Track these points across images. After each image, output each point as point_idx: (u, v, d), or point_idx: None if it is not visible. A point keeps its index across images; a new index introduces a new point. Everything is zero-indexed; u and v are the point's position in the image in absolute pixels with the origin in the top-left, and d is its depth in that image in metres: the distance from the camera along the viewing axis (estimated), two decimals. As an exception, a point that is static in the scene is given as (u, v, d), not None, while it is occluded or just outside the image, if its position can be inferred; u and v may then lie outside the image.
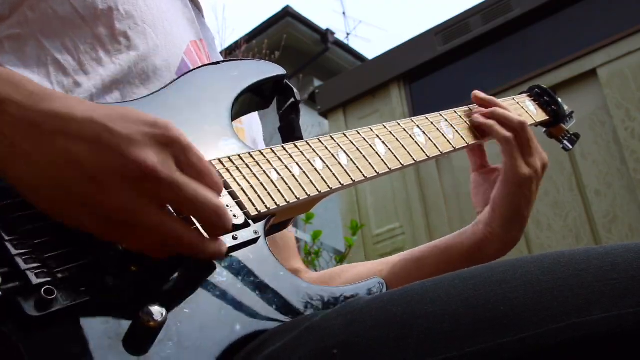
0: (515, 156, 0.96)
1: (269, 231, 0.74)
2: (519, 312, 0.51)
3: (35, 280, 0.52)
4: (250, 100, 0.89)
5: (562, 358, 0.50)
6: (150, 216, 0.54)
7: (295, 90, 0.92)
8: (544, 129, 1.20)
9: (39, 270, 0.53)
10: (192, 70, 0.84)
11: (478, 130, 1.03)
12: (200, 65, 0.90)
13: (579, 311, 0.50)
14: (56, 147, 0.51)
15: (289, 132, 0.91)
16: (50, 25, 0.77)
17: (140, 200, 0.53)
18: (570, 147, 1.19)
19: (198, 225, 0.60)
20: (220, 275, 0.64)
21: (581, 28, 3.81)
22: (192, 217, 0.60)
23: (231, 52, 6.17)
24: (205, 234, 0.60)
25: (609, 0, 3.79)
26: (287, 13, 7.25)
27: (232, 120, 0.81)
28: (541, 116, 1.15)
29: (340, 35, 8.13)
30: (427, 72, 4.40)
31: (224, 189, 0.71)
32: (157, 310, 0.54)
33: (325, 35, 7.54)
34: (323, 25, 8.36)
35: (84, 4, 0.79)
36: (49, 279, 0.53)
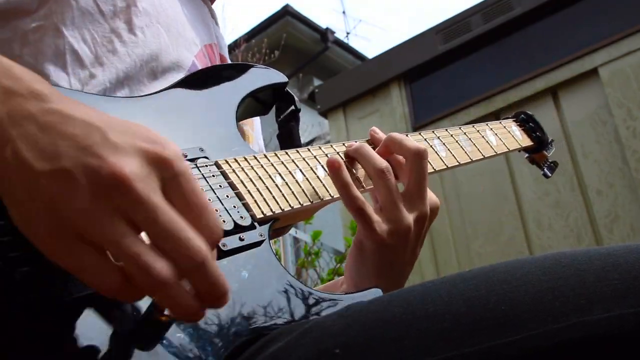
0: (370, 226, 0.78)
1: (271, 235, 0.74)
2: (520, 312, 0.51)
3: (50, 268, 0.51)
4: (251, 105, 0.90)
5: (562, 358, 0.50)
6: (114, 228, 0.45)
7: (295, 98, 0.93)
8: (526, 155, 1.22)
9: None
10: (197, 72, 0.85)
11: None
12: (205, 67, 0.91)
13: (580, 311, 0.50)
14: (44, 139, 0.48)
15: (288, 139, 0.92)
16: (71, 15, 0.79)
17: (107, 210, 0.46)
18: (550, 174, 1.22)
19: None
20: (227, 277, 0.64)
21: (582, 27, 3.81)
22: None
23: (231, 51, 6.17)
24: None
25: (610, -1, 3.79)
26: (286, 12, 7.25)
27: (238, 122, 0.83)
28: (526, 142, 1.17)
29: (340, 35, 8.14)
30: (427, 71, 4.40)
31: (230, 189, 0.71)
32: None
33: (325, 35, 7.54)
34: (323, 24, 8.38)
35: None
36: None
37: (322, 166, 0.83)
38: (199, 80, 0.83)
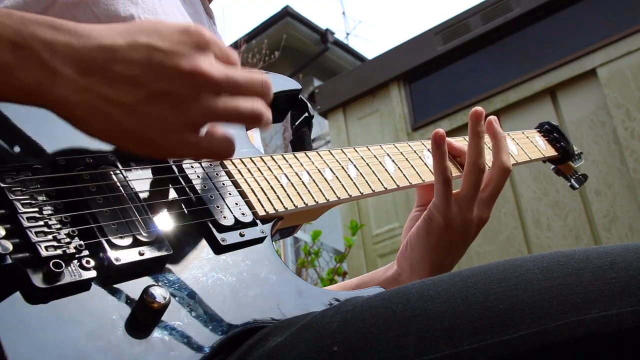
0: (446, 201, 0.86)
1: (276, 235, 0.76)
2: (518, 310, 0.51)
3: (44, 253, 0.53)
4: None
5: (560, 356, 0.50)
6: (215, 104, 0.58)
7: (309, 105, 0.94)
8: (553, 166, 1.22)
9: (49, 244, 0.54)
10: None
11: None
12: None
13: (578, 309, 0.50)
14: (114, 74, 0.54)
15: (300, 145, 0.93)
16: None
17: (206, 100, 0.58)
18: (577, 186, 1.21)
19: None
20: (225, 270, 0.65)
21: (581, 28, 3.81)
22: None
23: (231, 52, 6.15)
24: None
25: (608, 0, 3.79)
26: (286, 13, 7.24)
27: (247, 130, 0.84)
28: (550, 152, 1.16)
29: (340, 35, 8.14)
30: (427, 71, 4.41)
31: (234, 187, 0.73)
32: (160, 293, 0.55)
33: (325, 35, 7.53)
34: (323, 25, 8.37)
35: (107, 12, 0.81)
36: (58, 252, 0.54)
37: (330, 168, 0.84)
38: None
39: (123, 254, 0.58)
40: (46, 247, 0.54)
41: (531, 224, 3.66)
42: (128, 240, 0.59)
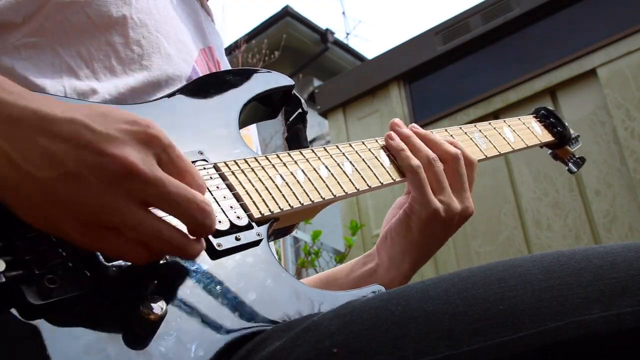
0: (422, 190, 0.87)
1: (272, 236, 0.75)
2: (518, 311, 0.51)
3: (38, 269, 0.52)
4: (257, 109, 0.90)
5: (561, 356, 0.50)
6: (132, 214, 0.52)
7: (302, 100, 0.94)
8: (550, 151, 1.21)
9: (42, 260, 0.53)
10: (200, 78, 0.86)
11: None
12: (209, 72, 0.91)
13: (578, 310, 0.50)
14: (35, 146, 0.50)
15: (295, 141, 0.93)
16: (66, 35, 0.78)
17: (121, 198, 0.52)
18: (575, 169, 1.20)
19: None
20: (222, 275, 0.64)
21: (581, 28, 3.82)
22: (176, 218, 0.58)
23: (231, 52, 6.16)
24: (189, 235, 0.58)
25: (609, 0, 3.79)
26: (286, 13, 7.24)
27: (240, 128, 0.83)
28: (546, 137, 1.16)
29: (340, 35, 8.14)
30: (427, 71, 4.41)
31: (229, 190, 0.72)
32: (157, 304, 0.55)
33: (324, 35, 7.53)
34: (323, 25, 8.37)
35: (99, 12, 0.80)
36: (52, 268, 0.53)
37: (326, 166, 0.83)
38: (202, 85, 0.84)
39: (118, 265, 0.57)
40: (39, 263, 0.53)
41: (531, 224, 3.66)
42: None
